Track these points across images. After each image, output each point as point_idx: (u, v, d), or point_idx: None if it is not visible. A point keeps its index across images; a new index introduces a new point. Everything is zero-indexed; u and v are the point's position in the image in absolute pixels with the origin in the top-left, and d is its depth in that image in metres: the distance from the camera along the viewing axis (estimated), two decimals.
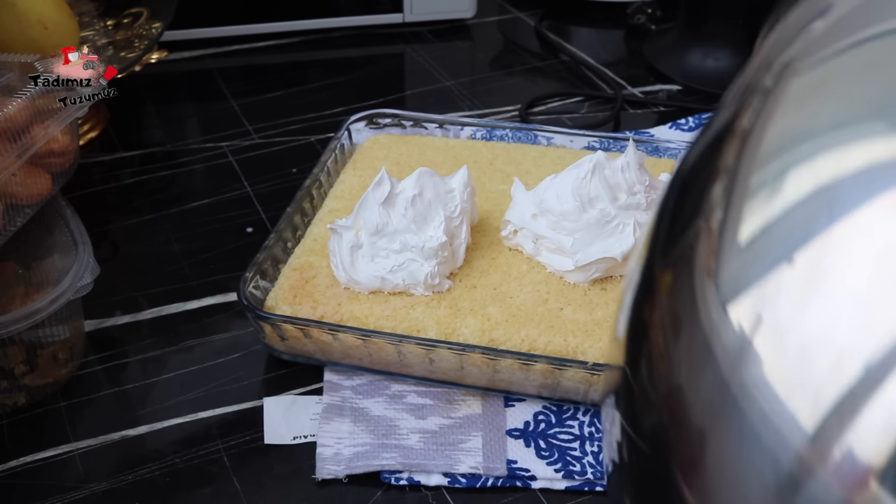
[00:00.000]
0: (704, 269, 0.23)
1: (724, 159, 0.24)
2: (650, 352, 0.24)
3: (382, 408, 0.54)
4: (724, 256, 0.22)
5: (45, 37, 0.67)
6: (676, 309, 0.23)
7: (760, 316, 0.20)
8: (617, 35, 1.00)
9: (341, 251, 0.55)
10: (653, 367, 0.24)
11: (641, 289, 0.26)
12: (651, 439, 0.24)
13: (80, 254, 0.54)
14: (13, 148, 0.52)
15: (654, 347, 0.24)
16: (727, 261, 0.22)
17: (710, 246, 0.23)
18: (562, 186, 0.56)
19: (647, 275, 0.26)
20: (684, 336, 0.23)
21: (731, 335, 0.21)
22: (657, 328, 0.24)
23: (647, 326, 0.25)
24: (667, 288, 0.24)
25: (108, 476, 0.50)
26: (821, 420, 0.19)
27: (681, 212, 0.25)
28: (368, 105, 0.81)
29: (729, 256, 0.22)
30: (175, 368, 0.57)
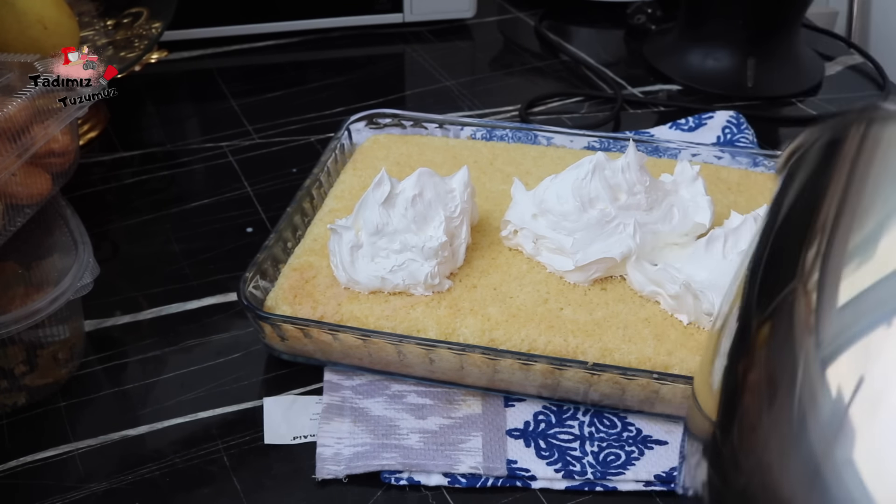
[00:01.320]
0: (804, 326, 0.22)
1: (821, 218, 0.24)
2: (743, 419, 0.23)
3: (382, 408, 0.54)
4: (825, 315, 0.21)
5: (45, 37, 0.67)
6: (773, 367, 0.22)
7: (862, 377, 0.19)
8: (617, 35, 1.00)
9: (341, 251, 0.55)
10: (744, 436, 0.23)
11: (738, 341, 0.25)
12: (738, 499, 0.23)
13: (80, 254, 0.54)
14: (13, 148, 0.52)
15: (747, 414, 0.23)
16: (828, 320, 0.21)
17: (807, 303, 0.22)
18: (562, 186, 0.56)
19: (742, 332, 0.25)
20: (779, 404, 0.22)
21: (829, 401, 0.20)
22: (752, 391, 0.23)
23: (742, 388, 0.24)
24: (763, 344, 0.23)
25: (108, 476, 0.50)
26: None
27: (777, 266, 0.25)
28: (368, 105, 0.81)
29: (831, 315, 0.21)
30: (175, 368, 0.57)
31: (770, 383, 0.22)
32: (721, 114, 0.80)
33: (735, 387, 0.24)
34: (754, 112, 0.83)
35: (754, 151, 0.70)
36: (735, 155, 0.69)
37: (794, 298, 0.23)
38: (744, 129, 0.78)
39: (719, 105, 0.84)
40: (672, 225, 0.57)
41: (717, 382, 0.26)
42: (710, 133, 0.79)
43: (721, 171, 0.67)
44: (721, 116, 0.80)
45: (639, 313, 0.54)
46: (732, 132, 0.78)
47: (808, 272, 0.23)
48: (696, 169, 0.60)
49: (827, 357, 0.20)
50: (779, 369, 0.22)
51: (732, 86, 0.87)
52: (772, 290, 0.24)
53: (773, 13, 0.86)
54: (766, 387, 0.22)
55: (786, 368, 0.22)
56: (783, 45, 0.88)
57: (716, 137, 0.78)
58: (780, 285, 0.24)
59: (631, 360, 0.52)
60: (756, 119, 0.81)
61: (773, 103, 0.87)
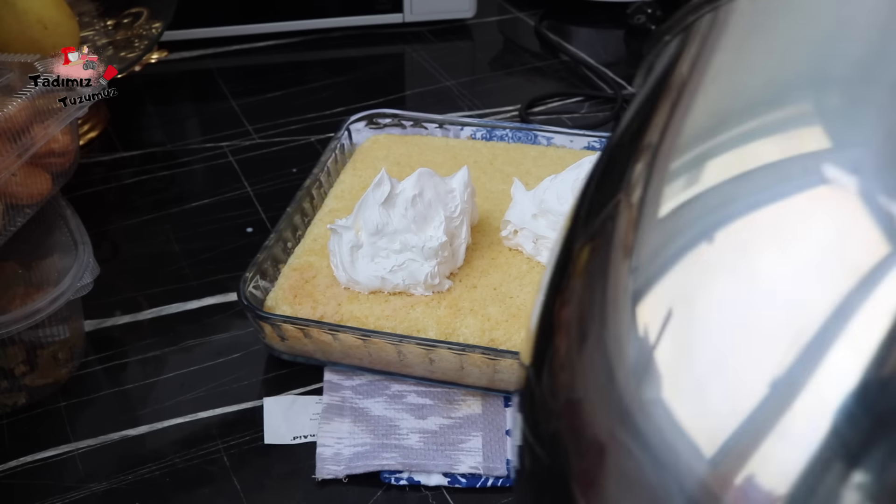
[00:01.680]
0: (621, 247, 0.21)
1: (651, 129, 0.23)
2: (554, 357, 0.23)
3: (382, 408, 0.54)
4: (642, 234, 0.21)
5: (45, 37, 0.67)
6: (586, 302, 0.22)
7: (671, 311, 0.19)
8: (617, 35, 1.00)
9: (341, 251, 0.55)
10: (555, 376, 0.22)
11: (556, 271, 0.24)
12: (549, 449, 0.22)
13: (80, 254, 0.54)
14: (13, 148, 0.52)
15: (558, 352, 0.23)
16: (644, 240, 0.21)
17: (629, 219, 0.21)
18: (562, 186, 0.56)
19: (563, 257, 0.24)
20: (590, 342, 0.21)
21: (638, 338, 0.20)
22: (564, 329, 0.23)
23: (555, 326, 0.23)
24: (581, 269, 0.22)
25: (108, 476, 0.50)
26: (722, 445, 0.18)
27: (607, 181, 0.24)
28: (368, 105, 0.81)
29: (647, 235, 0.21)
30: (175, 368, 0.57)
31: (581, 319, 0.22)
32: None
33: (549, 324, 0.24)
34: None
35: None
36: None
37: (615, 215, 0.22)
38: None
39: None
40: None
41: (534, 322, 0.25)
42: None
43: None
44: None
45: None
46: None
47: (633, 184, 0.22)
48: None
49: (639, 287, 0.20)
50: (591, 302, 0.21)
51: None
52: (596, 210, 0.23)
53: None
54: (577, 323, 0.22)
55: (597, 301, 0.21)
56: None
57: None
58: (604, 202, 0.23)
59: None
60: None
61: None
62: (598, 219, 0.23)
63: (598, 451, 0.20)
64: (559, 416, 0.22)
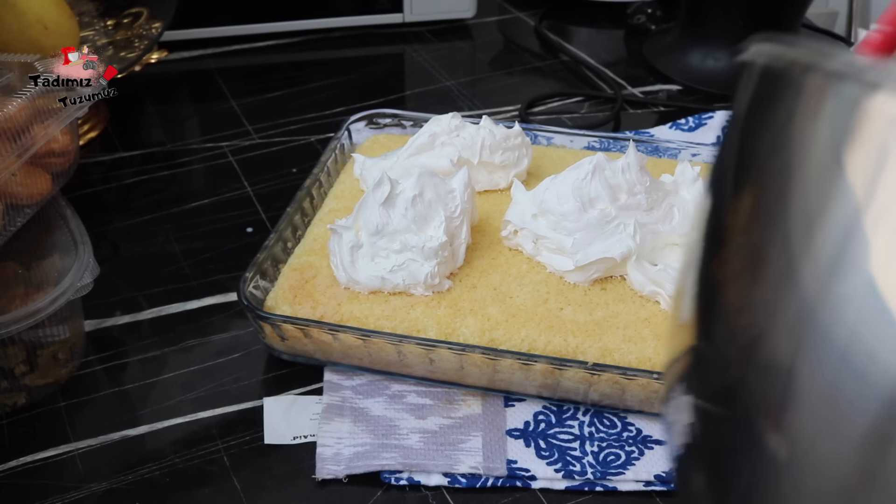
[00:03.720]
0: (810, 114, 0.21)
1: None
2: (726, 309, 0.23)
3: (382, 408, 0.54)
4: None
5: (45, 37, 0.67)
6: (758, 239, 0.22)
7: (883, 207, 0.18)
8: (617, 35, 1.00)
9: (341, 251, 0.55)
10: (730, 323, 0.23)
11: (707, 252, 0.25)
12: (730, 400, 0.22)
13: (80, 254, 0.54)
14: (13, 148, 0.52)
15: (732, 300, 0.23)
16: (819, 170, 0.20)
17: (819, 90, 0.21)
18: (562, 187, 0.56)
19: (713, 232, 0.25)
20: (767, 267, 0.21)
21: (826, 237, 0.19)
22: (733, 278, 0.23)
23: (722, 282, 0.23)
24: (743, 225, 0.23)
25: (108, 476, 0.50)
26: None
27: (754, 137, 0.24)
28: (368, 105, 0.81)
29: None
30: (175, 368, 0.57)
31: (753, 258, 0.22)
32: (721, 114, 0.80)
33: (712, 284, 0.24)
34: None
35: None
36: None
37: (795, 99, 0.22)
38: None
39: (719, 105, 0.84)
40: (672, 225, 0.57)
41: (689, 308, 0.25)
42: (710, 133, 0.79)
43: None
44: (721, 116, 0.80)
45: (639, 313, 0.54)
46: None
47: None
48: (696, 170, 0.60)
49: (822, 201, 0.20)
50: (764, 240, 0.22)
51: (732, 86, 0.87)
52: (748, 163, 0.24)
53: (773, 13, 0.86)
54: (749, 263, 0.22)
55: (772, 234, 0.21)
56: None
57: (716, 137, 0.78)
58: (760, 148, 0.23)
59: (631, 360, 0.52)
60: None
61: None
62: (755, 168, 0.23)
63: (787, 375, 0.20)
64: (740, 361, 0.22)
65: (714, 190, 0.26)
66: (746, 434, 0.22)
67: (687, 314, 0.26)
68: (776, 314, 0.21)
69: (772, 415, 0.21)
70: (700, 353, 0.24)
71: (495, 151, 0.63)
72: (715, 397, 0.24)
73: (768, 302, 0.21)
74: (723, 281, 0.24)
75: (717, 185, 0.26)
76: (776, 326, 0.21)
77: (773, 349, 0.21)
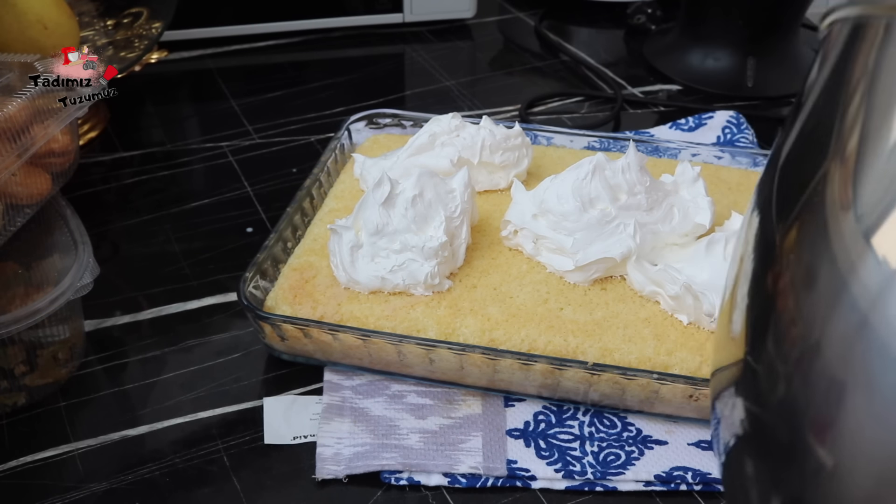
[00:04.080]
0: (838, 204, 0.22)
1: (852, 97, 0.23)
2: (778, 322, 0.24)
3: (382, 408, 0.54)
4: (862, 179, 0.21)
5: (45, 37, 0.67)
6: (807, 259, 0.22)
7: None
8: (617, 35, 1.00)
9: (341, 251, 0.55)
10: (781, 337, 0.23)
11: (758, 269, 0.25)
12: (782, 411, 0.23)
13: (80, 254, 0.54)
14: (13, 148, 0.52)
15: (782, 315, 0.23)
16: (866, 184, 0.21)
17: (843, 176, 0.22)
18: (562, 187, 0.56)
19: (762, 251, 0.25)
20: (819, 284, 0.22)
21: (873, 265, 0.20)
22: (784, 293, 0.23)
23: (773, 297, 0.24)
24: (792, 246, 0.23)
25: (108, 476, 0.50)
26: None
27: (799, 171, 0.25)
28: (368, 105, 0.81)
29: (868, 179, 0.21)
30: (175, 368, 0.57)
31: (806, 275, 0.23)
32: (721, 114, 0.80)
33: (765, 299, 0.25)
34: (754, 112, 0.83)
35: (754, 151, 0.70)
36: (735, 155, 0.69)
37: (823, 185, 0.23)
38: (744, 129, 0.78)
39: (719, 105, 0.84)
40: (672, 225, 0.57)
41: (741, 322, 0.26)
42: (710, 133, 0.79)
43: (721, 172, 0.67)
44: (721, 116, 0.80)
45: (639, 313, 0.54)
46: (732, 132, 0.78)
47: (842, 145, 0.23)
48: (696, 170, 0.60)
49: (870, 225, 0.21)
50: (814, 259, 0.22)
51: (732, 86, 0.87)
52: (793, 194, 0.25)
53: (773, 13, 0.86)
54: (803, 279, 0.23)
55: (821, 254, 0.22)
56: (783, 45, 0.88)
57: (716, 137, 0.78)
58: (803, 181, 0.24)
59: (631, 360, 0.52)
60: (756, 119, 0.81)
61: (773, 103, 0.87)
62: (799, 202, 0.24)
63: (839, 387, 0.21)
64: (792, 373, 0.22)
65: (761, 210, 0.26)
66: (795, 440, 0.22)
67: (738, 327, 0.26)
68: (829, 323, 0.21)
69: (819, 428, 0.21)
70: (750, 366, 0.25)
71: (495, 152, 0.63)
72: (765, 406, 0.24)
73: (821, 312, 0.22)
74: (775, 294, 0.24)
75: (764, 205, 0.26)
76: (828, 338, 0.21)
77: (823, 362, 0.21)
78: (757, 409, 0.25)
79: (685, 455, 0.51)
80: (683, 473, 0.50)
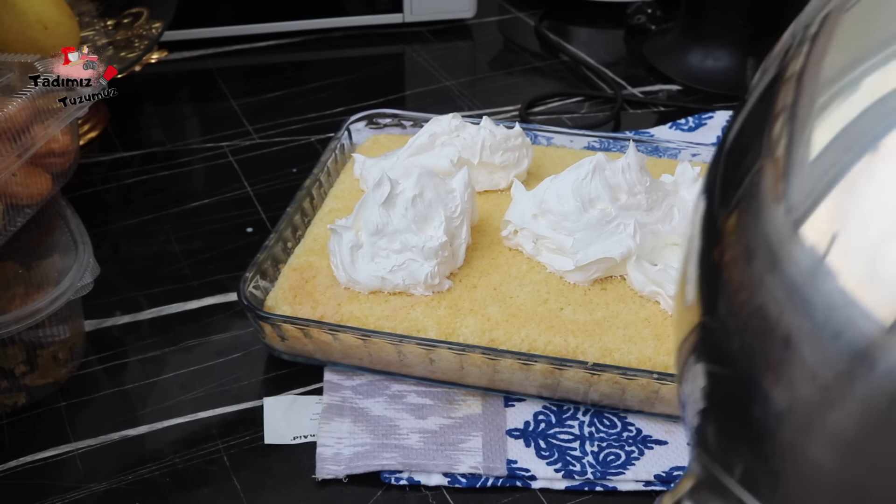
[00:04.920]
0: (771, 195, 0.25)
1: (781, 102, 0.27)
2: (728, 290, 0.27)
3: (382, 408, 0.54)
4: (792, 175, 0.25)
5: (45, 37, 0.67)
6: (747, 240, 0.26)
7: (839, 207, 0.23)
8: (617, 35, 1.00)
9: (341, 251, 0.55)
10: (732, 300, 0.27)
11: (706, 247, 0.29)
12: (737, 362, 0.27)
13: (80, 254, 0.54)
14: (13, 148, 0.52)
15: (729, 283, 0.27)
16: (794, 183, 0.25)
17: (776, 173, 0.26)
18: (562, 187, 0.56)
19: (708, 232, 0.29)
20: (757, 260, 0.26)
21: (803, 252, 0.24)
22: (729, 266, 0.27)
23: (720, 269, 0.28)
24: (733, 229, 0.27)
25: (108, 476, 0.50)
26: None
27: (738, 163, 0.28)
28: (368, 105, 0.81)
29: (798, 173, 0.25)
30: (175, 368, 0.57)
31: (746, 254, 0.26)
32: (721, 114, 0.80)
33: (714, 270, 0.28)
34: None
35: None
36: None
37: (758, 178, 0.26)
38: None
39: (719, 105, 0.84)
40: (672, 225, 0.57)
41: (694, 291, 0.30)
42: (710, 133, 0.79)
43: None
44: (721, 116, 0.80)
45: (639, 313, 0.54)
46: None
47: (773, 146, 0.26)
48: (696, 170, 0.60)
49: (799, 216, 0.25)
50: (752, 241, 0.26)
51: (732, 86, 0.87)
52: (733, 183, 0.28)
53: (773, 13, 0.86)
54: (743, 256, 0.27)
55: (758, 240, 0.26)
56: None
57: (716, 137, 0.78)
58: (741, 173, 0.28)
59: (631, 360, 0.52)
60: None
61: None
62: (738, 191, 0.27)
63: (784, 339, 0.25)
64: (742, 329, 0.26)
65: (707, 195, 0.30)
66: (752, 389, 0.26)
67: (692, 296, 0.30)
68: (767, 294, 0.25)
69: (771, 372, 0.25)
70: (707, 326, 0.28)
71: (495, 152, 0.63)
72: (723, 361, 0.28)
73: (759, 285, 0.25)
74: (721, 267, 0.28)
75: (710, 191, 0.30)
76: (768, 303, 0.25)
77: (769, 320, 0.25)
78: (716, 362, 0.28)
79: (685, 455, 0.51)
80: (683, 473, 0.50)
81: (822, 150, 0.24)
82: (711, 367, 0.29)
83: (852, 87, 0.25)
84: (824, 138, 0.25)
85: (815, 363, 0.24)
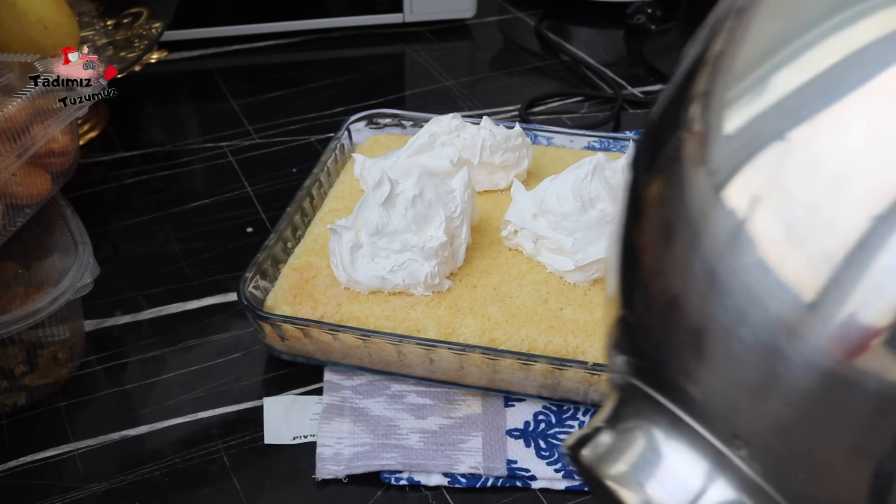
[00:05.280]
0: (691, 160, 0.24)
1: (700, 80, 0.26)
2: (643, 278, 0.26)
3: (382, 408, 0.54)
4: (712, 142, 0.24)
5: (45, 37, 0.67)
6: (666, 212, 0.25)
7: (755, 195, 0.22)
8: (617, 35, 1.00)
9: (341, 251, 0.55)
10: (648, 291, 0.26)
11: (627, 225, 0.28)
12: (653, 359, 0.26)
13: (80, 254, 0.54)
14: (13, 148, 0.52)
15: (645, 270, 0.26)
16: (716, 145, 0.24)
17: (697, 141, 0.25)
18: (562, 187, 0.56)
19: (630, 207, 0.28)
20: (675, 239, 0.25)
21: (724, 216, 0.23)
22: (647, 247, 0.26)
23: (638, 252, 0.27)
24: (653, 200, 0.26)
25: (108, 476, 0.50)
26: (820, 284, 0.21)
27: (661, 136, 0.27)
28: (368, 105, 0.81)
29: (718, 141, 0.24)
30: (175, 368, 0.57)
31: (665, 230, 0.25)
32: None
33: (631, 254, 0.27)
34: None
35: None
36: None
37: (679, 145, 0.25)
38: None
39: None
40: None
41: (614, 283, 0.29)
42: None
43: None
44: None
45: None
46: None
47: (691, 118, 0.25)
48: None
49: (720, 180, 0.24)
50: (671, 213, 0.25)
51: None
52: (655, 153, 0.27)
53: None
54: (662, 234, 0.25)
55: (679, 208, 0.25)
56: None
57: None
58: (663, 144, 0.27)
59: None
60: None
61: None
62: (660, 157, 0.26)
63: (697, 332, 0.24)
64: (657, 323, 0.25)
65: (633, 167, 0.29)
66: (669, 385, 0.25)
67: (612, 287, 0.29)
68: (686, 278, 0.24)
69: (684, 371, 0.25)
70: (625, 321, 0.28)
71: (496, 152, 0.63)
72: (642, 356, 0.27)
73: (679, 267, 0.24)
74: (640, 248, 0.27)
75: (634, 164, 0.29)
76: (686, 289, 0.24)
77: (685, 311, 0.24)
78: (636, 357, 0.27)
79: None
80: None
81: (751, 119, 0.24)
82: (633, 360, 0.28)
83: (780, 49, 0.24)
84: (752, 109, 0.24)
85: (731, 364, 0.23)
